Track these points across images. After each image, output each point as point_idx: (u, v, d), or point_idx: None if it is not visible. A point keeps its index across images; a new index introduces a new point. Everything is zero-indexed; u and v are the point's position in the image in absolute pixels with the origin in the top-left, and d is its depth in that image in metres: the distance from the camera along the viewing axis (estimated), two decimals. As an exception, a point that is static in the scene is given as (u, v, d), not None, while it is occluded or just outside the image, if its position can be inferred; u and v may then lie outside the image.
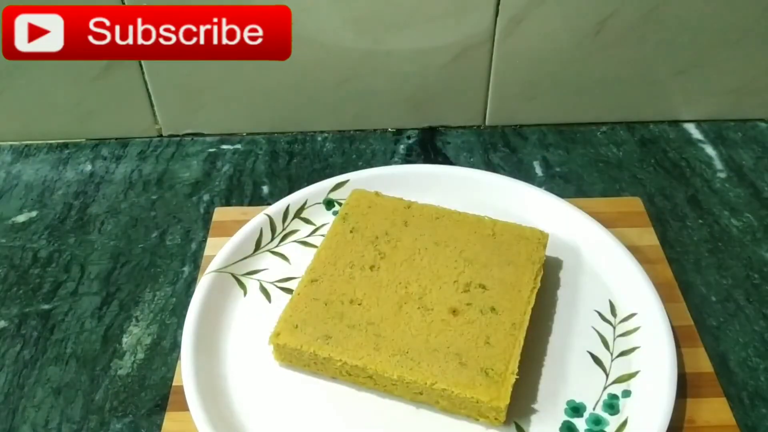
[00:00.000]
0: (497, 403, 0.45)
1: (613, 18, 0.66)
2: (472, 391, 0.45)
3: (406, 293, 0.52)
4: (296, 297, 0.52)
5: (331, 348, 0.48)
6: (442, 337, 0.49)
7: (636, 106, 0.73)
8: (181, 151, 0.72)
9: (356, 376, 0.48)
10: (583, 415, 0.48)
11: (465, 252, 0.55)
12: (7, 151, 0.73)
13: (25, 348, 0.54)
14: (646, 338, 0.51)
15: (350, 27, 0.66)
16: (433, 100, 0.72)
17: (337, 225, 0.57)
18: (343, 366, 0.48)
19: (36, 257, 0.61)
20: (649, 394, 0.47)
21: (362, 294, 0.52)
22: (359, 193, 0.60)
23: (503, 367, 0.47)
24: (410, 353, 0.48)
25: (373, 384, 0.48)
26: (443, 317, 0.50)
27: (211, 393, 0.48)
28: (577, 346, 0.52)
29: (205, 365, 0.50)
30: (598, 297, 0.55)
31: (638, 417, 0.47)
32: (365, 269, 0.53)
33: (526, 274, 0.53)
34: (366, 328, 0.49)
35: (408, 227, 0.57)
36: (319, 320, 0.50)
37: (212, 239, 0.61)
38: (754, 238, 0.61)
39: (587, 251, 0.58)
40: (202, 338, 0.51)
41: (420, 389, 0.47)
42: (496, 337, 0.49)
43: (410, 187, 0.61)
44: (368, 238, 0.56)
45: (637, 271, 0.54)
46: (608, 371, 0.50)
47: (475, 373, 0.46)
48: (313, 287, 0.52)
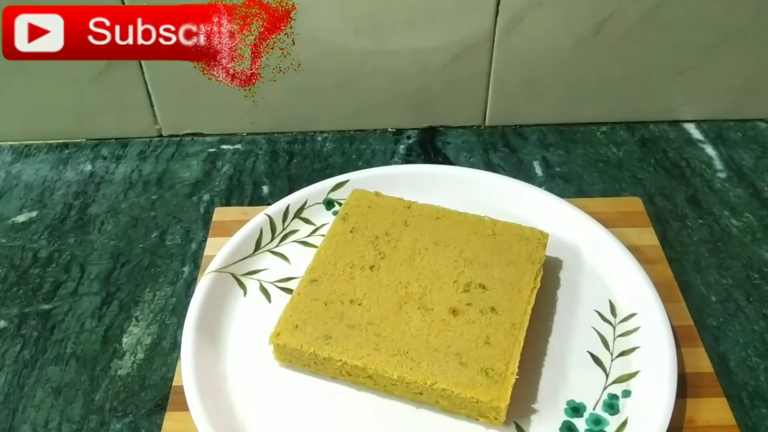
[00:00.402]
0: (497, 403, 0.45)
1: (613, 18, 0.66)
2: (472, 391, 0.45)
3: (406, 293, 0.52)
4: (296, 297, 0.52)
5: (331, 348, 0.48)
6: (442, 337, 0.49)
7: (636, 106, 0.73)
8: (181, 151, 0.72)
9: (356, 376, 0.48)
10: (583, 415, 0.48)
11: (465, 252, 0.55)
12: (7, 151, 0.73)
13: (25, 348, 0.54)
14: (646, 338, 0.51)
15: (350, 27, 0.66)
16: (433, 100, 0.72)
17: (337, 225, 0.57)
18: (343, 366, 0.48)
19: (36, 257, 0.61)
20: (649, 394, 0.47)
21: (362, 294, 0.52)
22: (359, 193, 0.60)
23: (503, 367, 0.47)
24: (410, 353, 0.48)
25: (373, 384, 0.48)
26: (443, 317, 0.50)
27: (211, 393, 0.48)
28: (577, 346, 0.52)
29: (205, 365, 0.50)
30: (598, 297, 0.55)
31: (638, 417, 0.47)
32: (365, 269, 0.53)
33: (526, 274, 0.53)
34: (366, 328, 0.49)
35: (408, 227, 0.57)
36: (319, 320, 0.50)
37: (212, 239, 0.61)
38: (754, 238, 0.61)
39: (587, 251, 0.58)
40: (202, 338, 0.51)
41: (420, 389, 0.47)
42: (496, 337, 0.49)
43: (410, 187, 0.61)
44: (368, 238, 0.56)
45: (637, 271, 0.54)
46: (608, 371, 0.50)
47: (475, 373, 0.46)
48: (313, 287, 0.52)
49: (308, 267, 0.54)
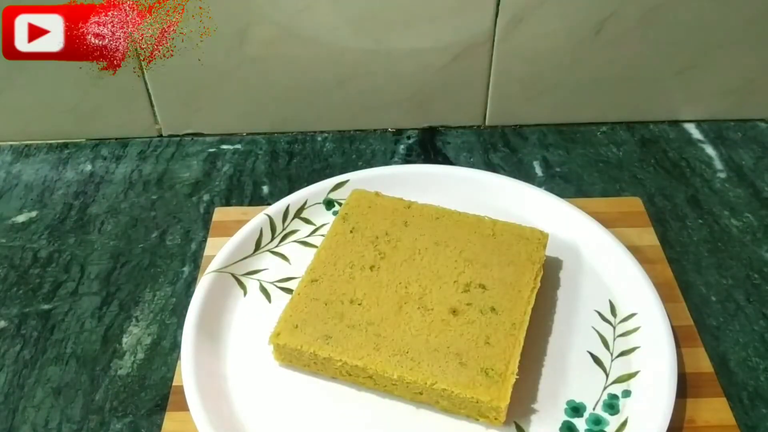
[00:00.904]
0: (497, 403, 0.45)
1: (613, 18, 0.66)
2: (472, 391, 0.45)
3: (406, 293, 0.52)
4: (296, 297, 0.52)
5: (331, 348, 0.48)
6: (442, 337, 0.49)
7: (636, 106, 0.73)
8: (181, 151, 0.72)
9: (356, 376, 0.48)
10: (583, 415, 0.48)
11: (465, 252, 0.55)
12: (7, 151, 0.73)
13: (25, 348, 0.54)
14: (646, 338, 0.51)
15: (350, 27, 0.66)
16: (433, 100, 0.72)
17: (337, 225, 0.57)
18: (343, 366, 0.48)
19: (36, 257, 0.61)
20: (650, 393, 0.47)
21: (362, 294, 0.52)
22: (359, 193, 0.60)
23: (503, 367, 0.47)
24: (410, 353, 0.48)
25: (373, 384, 0.48)
26: (443, 317, 0.50)
27: (212, 393, 0.48)
28: (577, 346, 0.52)
29: (205, 365, 0.50)
30: (598, 297, 0.55)
31: (638, 417, 0.47)
32: (365, 269, 0.53)
33: (526, 274, 0.53)
34: (366, 328, 0.49)
35: (408, 227, 0.57)
36: (319, 320, 0.50)
37: (212, 239, 0.61)
38: (754, 238, 0.61)
39: (587, 251, 0.58)
40: (202, 338, 0.51)
41: (420, 389, 0.47)
42: (496, 337, 0.49)
43: (410, 187, 0.61)
44: (368, 238, 0.56)
45: (637, 271, 0.54)
46: (608, 371, 0.50)
47: (475, 373, 0.46)
48: (313, 287, 0.52)
49: (308, 267, 0.54)
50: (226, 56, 0.68)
